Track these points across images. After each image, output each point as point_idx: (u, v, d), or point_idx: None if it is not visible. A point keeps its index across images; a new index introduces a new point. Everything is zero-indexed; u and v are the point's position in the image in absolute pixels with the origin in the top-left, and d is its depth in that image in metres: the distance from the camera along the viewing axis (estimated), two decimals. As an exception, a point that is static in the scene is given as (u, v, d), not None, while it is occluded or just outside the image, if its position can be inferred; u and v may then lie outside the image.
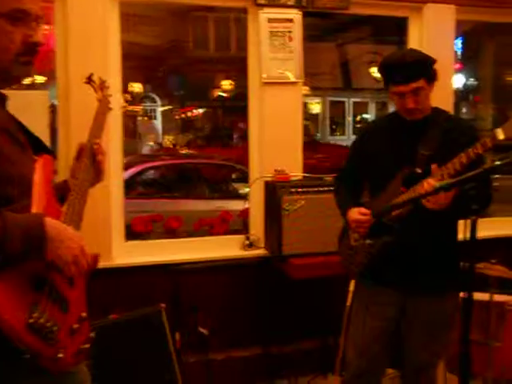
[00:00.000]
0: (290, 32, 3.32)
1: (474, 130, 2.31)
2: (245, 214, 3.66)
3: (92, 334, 1.60)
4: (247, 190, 3.56)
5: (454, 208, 1.98)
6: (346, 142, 12.83)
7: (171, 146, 13.07)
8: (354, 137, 2.70)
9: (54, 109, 3.28)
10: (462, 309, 1.94)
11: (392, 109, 2.37)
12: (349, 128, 16.29)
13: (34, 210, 1.43)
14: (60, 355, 1.39)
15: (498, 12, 3.83)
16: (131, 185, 6.72)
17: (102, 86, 2.01)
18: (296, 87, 3.41)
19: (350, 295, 2.90)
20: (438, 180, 1.95)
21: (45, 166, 1.58)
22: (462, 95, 11.71)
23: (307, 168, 3.46)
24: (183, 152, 11.03)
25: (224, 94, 12.69)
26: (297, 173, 3.40)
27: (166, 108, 15.75)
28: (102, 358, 2.49)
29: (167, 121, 15.92)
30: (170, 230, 3.71)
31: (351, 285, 2.85)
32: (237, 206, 5.25)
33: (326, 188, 3.11)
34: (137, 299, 2.94)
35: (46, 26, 1.73)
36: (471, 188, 1.92)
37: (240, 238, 3.46)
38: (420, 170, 2.12)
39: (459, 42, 6.49)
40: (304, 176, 3.44)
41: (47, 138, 2.98)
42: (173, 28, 12.08)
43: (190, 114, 15.18)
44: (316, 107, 16.81)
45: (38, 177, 1.52)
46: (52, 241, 1.36)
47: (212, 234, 3.71)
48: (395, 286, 2.25)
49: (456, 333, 2.28)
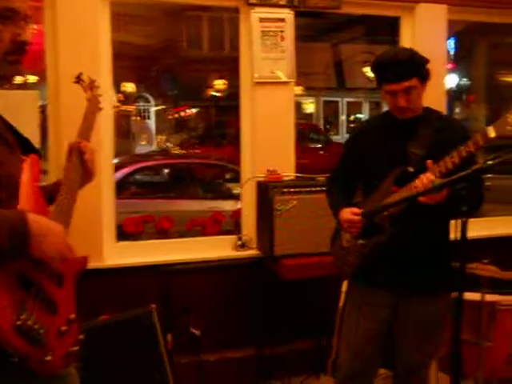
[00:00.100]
0: (281, 32, 3.31)
1: (465, 129, 2.31)
2: (237, 214, 3.65)
3: (81, 336, 1.58)
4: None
5: (446, 207, 1.98)
6: (339, 141, 12.83)
7: (164, 146, 13.05)
8: (347, 136, 2.69)
9: (44, 109, 3.25)
10: (454, 309, 1.94)
11: (385, 108, 2.36)
12: (342, 128, 16.31)
13: None
14: (48, 358, 1.37)
15: (490, 12, 3.83)
16: (124, 185, 6.69)
17: (92, 86, 1.99)
18: (288, 87, 3.40)
19: (342, 296, 2.89)
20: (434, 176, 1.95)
21: (32, 165, 1.57)
22: (455, 95, 11.73)
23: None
24: (176, 152, 11.00)
25: (217, 94, 12.67)
26: (289, 173, 3.39)
27: (160, 108, 15.72)
28: (92, 360, 2.47)
29: (161, 121, 15.88)
30: (162, 230, 3.69)
31: (344, 285, 2.85)
32: (230, 206, 5.25)
33: (319, 188, 3.09)
34: (128, 300, 2.92)
35: (34, 25, 1.71)
36: (463, 188, 1.92)
37: (232, 238, 3.45)
38: (412, 169, 2.12)
39: (452, 42, 6.51)
40: (296, 176, 3.43)
41: (37, 138, 2.96)
42: (166, 28, 12.05)
43: (182, 113, 15.15)
44: (310, 107, 16.82)
45: (25, 177, 1.51)
46: (35, 236, 1.33)
47: (204, 234, 3.69)
48: (388, 286, 2.25)
49: (447, 333, 2.29)
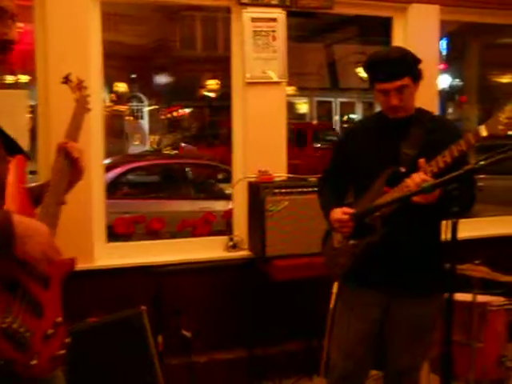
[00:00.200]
0: (273, 31, 3.30)
1: (458, 130, 2.29)
2: (228, 214, 3.63)
3: (67, 340, 1.56)
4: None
5: (438, 208, 1.97)
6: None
7: (156, 147, 13.02)
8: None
9: (35, 109, 3.23)
10: (445, 310, 1.93)
11: (378, 109, 2.35)
12: (336, 128, 16.31)
13: None
14: (34, 362, 1.36)
15: (482, 12, 3.84)
16: (117, 185, 6.66)
17: (80, 86, 1.97)
18: (280, 87, 3.39)
19: (333, 297, 2.88)
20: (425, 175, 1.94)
21: (18, 166, 1.55)
22: (447, 96, 11.77)
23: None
24: (168, 152, 10.98)
25: (210, 94, 12.66)
26: (281, 173, 3.38)
27: (153, 108, 15.69)
28: (81, 363, 2.45)
29: (154, 121, 15.85)
30: (153, 231, 3.67)
31: (334, 286, 2.83)
32: (222, 206, 5.23)
33: (310, 189, 3.08)
34: (118, 302, 2.89)
35: (20, 24, 1.69)
36: (454, 189, 1.91)
37: (223, 239, 3.43)
38: (404, 170, 2.10)
39: (444, 43, 6.51)
40: (288, 176, 3.42)
41: (26, 138, 2.93)
42: (159, 27, 12.03)
43: (175, 113, 15.13)
44: (303, 107, 16.83)
45: (11, 178, 1.50)
46: (20, 237, 1.32)
47: (195, 235, 3.67)
48: (379, 287, 2.23)
49: (439, 334, 2.28)
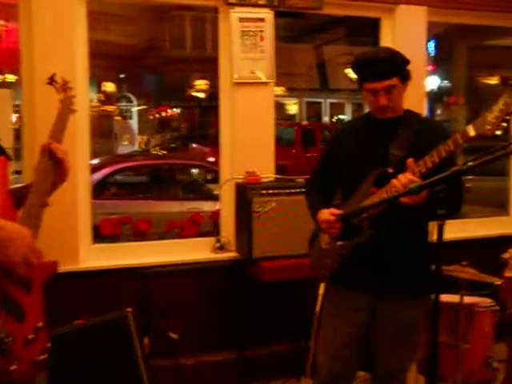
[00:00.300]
0: (261, 31, 3.28)
1: (445, 131, 2.29)
2: (216, 215, 3.61)
3: (49, 345, 1.54)
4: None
5: (425, 209, 1.96)
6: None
7: (143, 146, 12.97)
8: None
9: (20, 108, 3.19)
10: (431, 311, 1.93)
11: (367, 110, 2.35)
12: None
13: None
14: (13, 367, 1.34)
15: (469, 14, 3.85)
16: (105, 185, 6.62)
17: (65, 87, 1.96)
18: (268, 87, 3.38)
19: (319, 298, 2.87)
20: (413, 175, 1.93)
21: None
22: (436, 97, 11.84)
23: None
24: (157, 152, 10.94)
25: (199, 94, 12.63)
26: (269, 174, 3.37)
27: (141, 108, 15.63)
28: (67, 366, 2.43)
29: (143, 121, 15.79)
30: (139, 232, 3.63)
31: (321, 288, 2.82)
32: (211, 207, 5.20)
33: (298, 190, 3.07)
34: (105, 304, 2.87)
35: (1, 22, 1.67)
36: (441, 190, 1.91)
37: (211, 240, 3.41)
38: (392, 170, 2.10)
39: (432, 45, 6.54)
40: (276, 177, 3.41)
41: (10, 138, 2.90)
42: (149, 27, 11.98)
43: (164, 113, 15.08)
44: (293, 108, 16.84)
45: (-8, 179, 1.47)
46: (1, 241, 1.30)
47: (182, 236, 3.64)
48: (366, 289, 2.22)
49: (425, 335, 2.28)
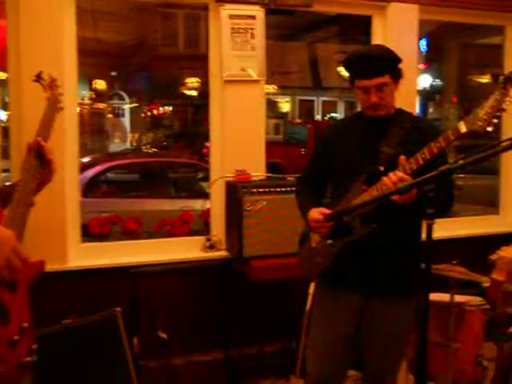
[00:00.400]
0: (252, 29, 3.26)
1: (437, 129, 2.27)
2: (206, 214, 3.59)
3: (35, 346, 1.52)
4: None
5: (414, 208, 1.95)
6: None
7: (135, 144, 12.93)
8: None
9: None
10: (420, 310, 1.92)
11: (360, 108, 2.33)
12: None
13: None
14: (-1, 369, 1.31)
15: (460, 13, 3.86)
16: (96, 183, 6.58)
17: (52, 85, 1.93)
18: (258, 85, 3.36)
19: (309, 298, 2.86)
20: (404, 173, 1.92)
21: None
22: (428, 95, 11.87)
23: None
24: (148, 150, 10.89)
25: (191, 92, 12.58)
26: (259, 173, 3.35)
27: (133, 105, 15.57)
28: (55, 366, 2.40)
29: (135, 119, 15.73)
30: (128, 231, 3.59)
31: (311, 287, 2.81)
32: (204, 205, 5.17)
33: (289, 188, 3.05)
34: (94, 304, 2.84)
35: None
36: (431, 190, 1.89)
37: (201, 239, 3.39)
38: (383, 168, 2.09)
39: (424, 43, 6.54)
40: (267, 176, 3.39)
41: (-2, 136, 2.87)
42: (141, 25, 11.92)
43: (155, 111, 15.03)
44: (285, 106, 16.83)
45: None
46: None
47: (173, 235, 3.61)
48: (356, 288, 2.21)
49: (415, 334, 2.27)
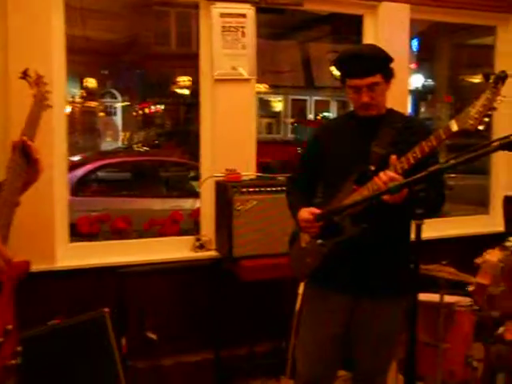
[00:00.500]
0: (242, 27, 3.25)
1: (428, 129, 2.26)
2: (196, 214, 3.56)
3: (19, 348, 1.50)
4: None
5: (404, 208, 1.95)
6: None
7: (126, 143, 12.87)
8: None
9: None
10: (409, 311, 1.91)
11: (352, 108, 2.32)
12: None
13: None
14: (-20, 372, 1.29)
15: (451, 12, 3.86)
16: (86, 182, 6.54)
17: (39, 82, 1.91)
18: (249, 84, 3.34)
19: (299, 298, 2.84)
20: (395, 173, 1.91)
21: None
22: (420, 95, 11.90)
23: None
24: (139, 149, 10.85)
25: (182, 91, 12.54)
26: (250, 172, 3.33)
27: (124, 104, 15.51)
28: (42, 367, 2.38)
29: (128, 117, 15.65)
30: (117, 230, 3.57)
31: (300, 287, 2.80)
32: (194, 204, 5.15)
33: (279, 188, 3.04)
34: (82, 304, 2.81)
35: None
36: (421, 190, 1.89)
37: (191, 239, 3.37)
38: (374, 168, 2.08)
39: (416, 43, 6.56)
40: (258, 175, 3.38)
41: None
42: (133, 23, 11.86)
43: (147, 110, 14.98)
44: (278, 105, 16.83)
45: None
46: None
47: (163, 234, 3.59)
48: (346, 289, 2.20)
49: (405, 334, 2.26)
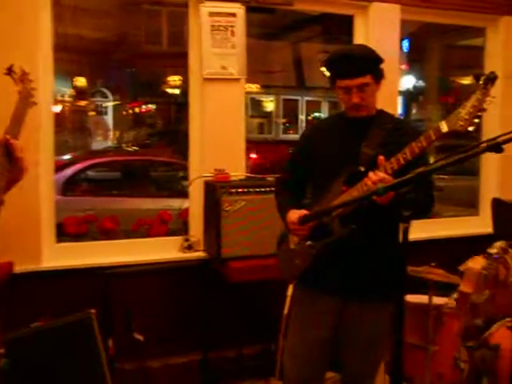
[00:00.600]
0: (232, 26, 3.22)
1: (418, 131, 2.26)
2: (185, 214, 3.54)
3: (1, 350, 1.47)
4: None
5: (391, 211, 1.94)
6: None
7: (115, 142, 12.81)
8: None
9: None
10: (397, 313, 1.90)
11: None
12: (302, 126, 16.37)
13: None
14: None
15: (441, 13, 3.87)
16: (76, 181, 6.49)
17: (24, 78, 1.87)
18: (239, 83, 3.32)
19: (288, 300, 2.82)
20: (384, 172, 1.90)
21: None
22: (411, 96, 11.92)
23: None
24: (129, 149, 10.79)
25: (173, 90, 12.49)
26: (239, 172, 3.31)
27: (114, 103, 15.43)
28: (27, 370, 2.34)
29: (119, 116, 15.58)
30: (105, 230, 3.53)
31: (289, 289, 2.78)
32: (182, 204, 5.13)
33: (268, 188, 3.02)
34: (69, 305, 2.78)
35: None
36: (407, 192, 1.88)
37: (179, 239, 3.34)
38: (363, 169, 2.07)
39: (406, 44, 6.56)
40: (247, 176, 3.35)
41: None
42: (123, 22, 11.79)
43: (137, 109, 14.92)
44: (269, 105, 16.82)
45: None
46: None
47: (151, 235, 3.56)
48: (335, 291, 2.19)
49: (393, 336, 2.26)
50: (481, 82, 1.75)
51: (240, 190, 3.03)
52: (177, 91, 12.68)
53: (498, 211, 3.46)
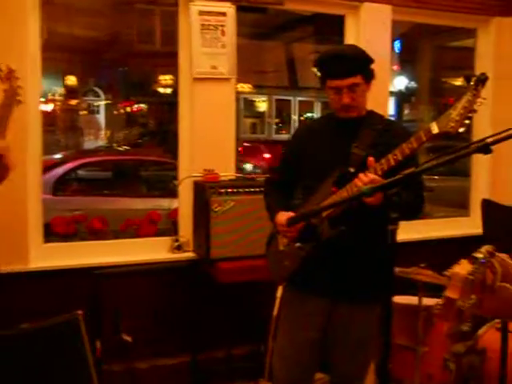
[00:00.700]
0: (222, 26, 3.20)
1: (408, 132, 2.25)
2: (174, 214, 3.52)
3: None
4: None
5: (379, 212, 1.93)
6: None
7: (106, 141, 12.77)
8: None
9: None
10: (385, 314, 1.89)
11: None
12: (294, 126, 16.39)
13: None
14: None
15: (432, 14, 3.87)
16: (67, 181, 6.45)
17: (10, 76, 1.85)
18: (229, 83, 3.30)
19: (277, 301, 2.81)
20: (374, 174, 1.89)
21: None
22: (403, 97, 11.96)
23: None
24: (119, 148, 10.75)
25: (165, 90, 12.46)
26: (229, 173, 3.30)
27: (106, 102, 15.38)
28: (11, 373, 2.31)
29: (111, 116, 15.52)
30: (93, 230, 3.50)
31: (279, 291, 2.77)
32: (171, 204, 5.10)
33: (258, 189, 2.99)
34: (56, 306, 2.74)
35: None
36: (394, 194, 1.87)
37: (168, 239, 3.32)
38: (353, 170, 2.06)
39: (398, 44, 6.58)
40: (237, 176, 3.34)
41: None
42: (116, 21, 11.74)
43: (129, 109, 14.87)
44: (262, 105, 16.82)
45: None
46: None
47: (140, 235, 3.54)
48: (324, 293, 2.18)
49: (382, 338, 2.25)
50: (471, 83, 1.74)
51: (229, 191, 3.01)
52: (169, 90, 12.65)
53: (488, 212, 3.46)
